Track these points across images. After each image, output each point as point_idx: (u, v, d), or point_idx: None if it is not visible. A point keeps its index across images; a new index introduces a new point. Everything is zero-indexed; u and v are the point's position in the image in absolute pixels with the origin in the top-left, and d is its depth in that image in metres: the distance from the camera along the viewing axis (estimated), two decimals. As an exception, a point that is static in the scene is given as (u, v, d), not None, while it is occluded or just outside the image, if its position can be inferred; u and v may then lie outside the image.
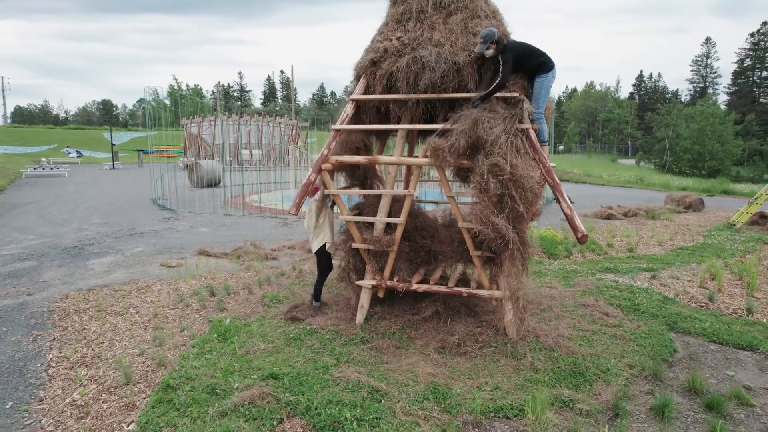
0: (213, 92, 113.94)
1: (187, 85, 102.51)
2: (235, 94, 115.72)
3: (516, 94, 4.83)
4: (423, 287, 5.53)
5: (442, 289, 5.49)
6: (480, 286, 5.67)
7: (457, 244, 5.64)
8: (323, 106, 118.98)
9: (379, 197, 6.03)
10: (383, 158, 5.26)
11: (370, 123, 5.80)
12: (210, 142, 36.36)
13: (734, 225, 12.86)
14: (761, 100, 70.86)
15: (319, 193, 5.73)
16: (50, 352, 5.22)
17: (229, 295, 7.01)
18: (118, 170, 38.17)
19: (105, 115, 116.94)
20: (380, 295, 5.86)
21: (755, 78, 72.26)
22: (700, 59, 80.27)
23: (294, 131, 41.12)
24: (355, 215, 5.73)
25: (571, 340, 5.26)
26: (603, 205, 16.41)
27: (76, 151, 49.47)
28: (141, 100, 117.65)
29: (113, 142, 44.69)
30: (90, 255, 9.73)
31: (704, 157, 40.64)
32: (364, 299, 5.74)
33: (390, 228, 5.61)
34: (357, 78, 5.66)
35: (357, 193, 5.69)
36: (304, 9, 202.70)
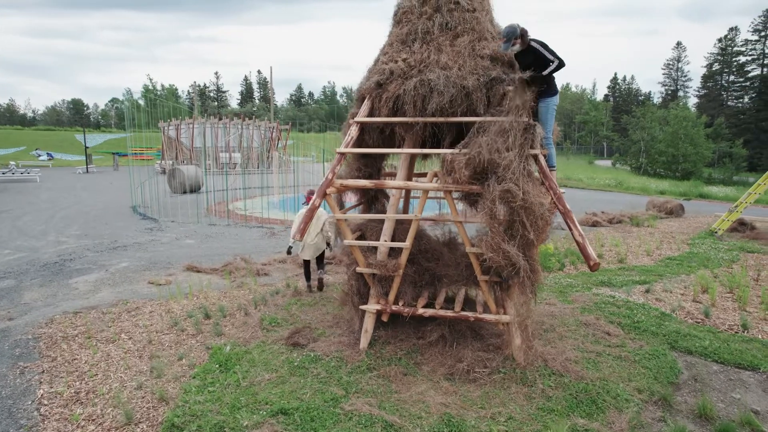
0: (189, 92, 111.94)
1: (162, 85, 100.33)
2: (212, 94, 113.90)
3: (527, 119, 4.80)
4: (429, 312, 5.46)
5: (449, 313, 5.42)
6: (486, 308, 5.63)
7: (463, 267, 5.58)
8: (301, 106, 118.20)
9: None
10: (390, 183, 5.15)
11: (373, 144, 5.70)
12: (188, 146, 35.62)
13: (716, 232, 13.18)
14: (729, 103, 73.27)
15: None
16: (40, 387, 4.96)
17: (225, 317, 6.81)
18: (92, 174, 37.11)
19: (76, 115, 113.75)
20: (384, 319, 5.76)
21: (723, 82, 74.67)
22: (671, 63, 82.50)
23: (273, 134, 40.63)
24: (357, 237, 5.63)
25: (578, 363, 5.27)
26: (587, 211, 16.64)
27: (47, 153, 47.92)
28: (113, 100, 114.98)
29: (86, 145, 43.44)
30: (72, 272, 9.36)
31: (678, 159, 41.79)
32: (368, 324, 5.63)
33: (394, 250, 5.53)
34: (360, 99, 5.55)
35: (362, 218, 5.57)
36: (279, 8, 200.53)
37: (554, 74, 5.08)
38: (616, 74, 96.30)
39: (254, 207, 18.45)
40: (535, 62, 5.01)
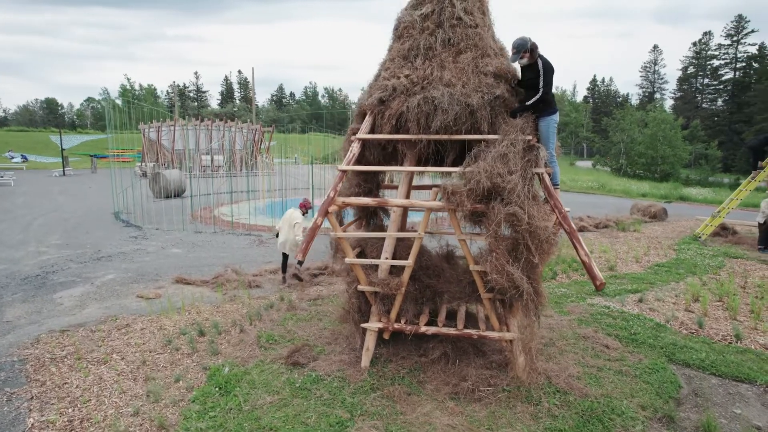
0: (168, 92, 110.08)
1: (141, 85, 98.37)
2: (191, 94, 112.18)
3: (530, 137, 4.79)
4: (432, 330, 5.41)
5: (452, 331, 5.38)
6: (488, 324, 5.62)
7: (465, 284, 5.55)
8: (282, 107, 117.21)
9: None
10: (393, 201, 5.09)
11: (374, 159, 5.64)
12: (169, 148, 34.99)
13: (699, 237, 13.46)
14: (703, 105, 75.22)
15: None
16: (30, 416, 4.75)
17: (220, 334, 6.65)
18: (69, 177, 36.20)
19: (49, 114, 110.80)
20: (386, 337, 5.70)
21: (698, 85, 76.61)
22: (648, 65, 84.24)
23: (256, 136, 40.17)
24: (357, 254, 5.55)
25: (581, 379, 5.28)
26: (573, 216, 16.84)
27: (21, 155, 46.59)
28: (89, 99, 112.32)
29: (63, 146, 42.34)
30: (56, 285, 9.06)
31: (657, 161, 42.69)
32: (370, 342, 5.56)
33: (395, 267, 5.46)
34: (361, 115, 5.47)
35: (365, 236, 5.50)
36: (259, 7, 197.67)
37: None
38: (595, 76, 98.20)
39: (240, 212, 18.19)
40: (535, 80, 5.01)
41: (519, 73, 5.32)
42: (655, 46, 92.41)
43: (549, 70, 4.95)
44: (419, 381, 5.28)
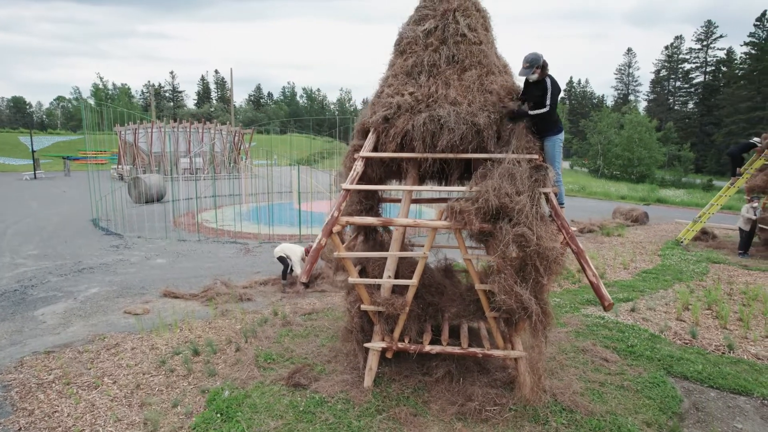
0: (143, 92, 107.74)
1: (114, 84, 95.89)
2: (167, 94, 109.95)
3: (537, 157, 4.77)
4: (437, 349, 5.36)
5: (456, 350, 5.34)
6: (492, 339, 5.60)
7: (469, 302, 5.52)
8: (260, 107, 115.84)
9: (387, 242, 5.85)
10: (398, 221, 5.02)
11: (375, 176, 5.57)
12: (146, 151, 34.19)
13: (681, 242, 13.77)
14: (675, 107, 77.31)
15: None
16: (21, 449, 4.53)
17: (216, 353, 6.47)
18: (41, 180, 35.02)
19: (17, 114, 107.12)
20: (389, 356, 5.62)
21: (670, 87, 78.68)
22: (623, 68, 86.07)
23: (236, 137, 39.55)
24: (358, 272, 5.46)
25: (584, 396, 5.30)
26: (558, 220, 17.02)
27: (-11, 157, 44.87)
28: (59, 98, 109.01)
29: (33, 148, 40.93)
30: (36, 301, 8.71)
31: (633, 162, 43.67)
32: (373, 361, 5.48)
33: (398, 285, 5.40)
34: (363, 132, 5.38)
35: (367, 255, 5.40)
36: (234, 5, 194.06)
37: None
38: (571, 77, 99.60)
39: (224, 218, 17.83)
40: (540, 97, 5.01)
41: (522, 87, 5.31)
42: (629, 49, 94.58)
43: (556, 89, 4.96)
44: (424, 401, 5.23)
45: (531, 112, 4.98)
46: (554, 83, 4.97)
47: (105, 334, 7.19)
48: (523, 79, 5.19)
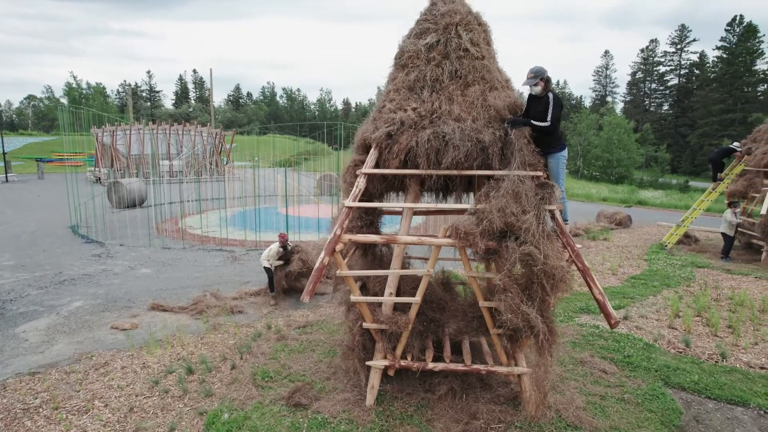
0: (118, 92, 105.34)
1: (88, 83, 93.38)
2: (144, 94, 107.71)
3: (541, 174, 4.76)
4: (440, 366, 5.30)
5: (460, 367, 5.29)
6: (494, 354, 5.57)
7: (471, 318, 5.48)
8: (239, 107, 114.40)
9: (386, 255, 5.78)
10: (402, 238, 4.94)
11: (376, 191, 5.48)
12: (125, 153, 33.39)
13: (666, 246, 14.02)
14: (651, 109, 79.04)
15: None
16: (10, 482, 4.32)
17: (210, 372, 6.30)
18: (13, 184, 33.89)
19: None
20: (390, 373, 5.55)
21: (646, 89, 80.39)
22: (600, 70, 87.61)
23: (217, 139, 38.92)
24: (359, 288, 5.37)
25: (587, 410, 5.31)
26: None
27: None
28: (30, 97, 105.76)
29: (4, 150, 39.60)
30: (16, 317, 8.37)
31: (612, 164, 44.48)
32: (375, 380, 5.39)
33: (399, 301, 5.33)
34: (364, 146, 5.29)
35: (370, 274, 5.31)
36: (206, 3, 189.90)
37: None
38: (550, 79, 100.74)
39: (209, 224, 17.49)
40: (542, 113, 5.00)
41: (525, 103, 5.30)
42: (607, 51, 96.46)
43: (558, 104, 4.96)
44: (428, 419, 5.17)
45: (533, 122, 4.96)
46: (556, 99, 4.97)
47: (92, 352, 6.95)
48: (526, 92, 5.21)
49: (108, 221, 17.41)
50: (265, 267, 9.33)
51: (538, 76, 5.00)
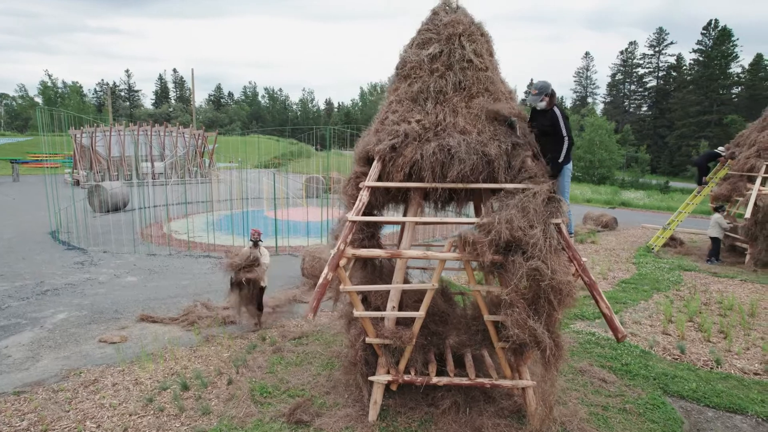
0: (96, 91, 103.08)
1: (64, 82, 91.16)
2: (123, 93, 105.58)
3: (548, 187, 4.73)
4: (444, 380, 5.24)
5: (464, 381, 5.24)
6: (497, 367, 5.54)
7: (475, 331, 5.43)
8: (221, 107, 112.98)
9: (386, 266, 5.71)
10: (407, 253, 4.86)
11: (377, 203, 5.39)
12: (105, 155, 32.63)
13: (653, 249, 14.23)
14: (630, 110, 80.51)
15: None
16: None
17: (207, 387, 6.12)
18: (-13, 186, 32.84)
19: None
20: (393, 388, 5.47)
21: (625, 91, 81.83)
22: (581, 71, 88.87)
23: (199, 140, 38.30)
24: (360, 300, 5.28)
25: (590, 422, 5.31)
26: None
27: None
28: (2, 96, 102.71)
29: (-22, 151, 38.36)
30: (-2, 330, 8.05)
31: (594, 165, 45.11)
32: (378, 395, 5.31)
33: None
34: (366, 159, 5.19)
35: (374, 289, 5.21)
36: (187, 1, 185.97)
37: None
38: (532, 80, 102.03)
39: (195, 228, 17.12)
40: (549, 127, 4.98)
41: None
42: (587, 53, 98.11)
43: (566, 117, 4.96)
44: (432, 434, 5.10)
45: (561, 160, 5.00)
46: (562, 113, 4.96)
47: (81, 368, 6.70)
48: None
49: (90, 226, 16.96)
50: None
51: (543, 92, 5.00)
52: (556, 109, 4.97)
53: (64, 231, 16.49)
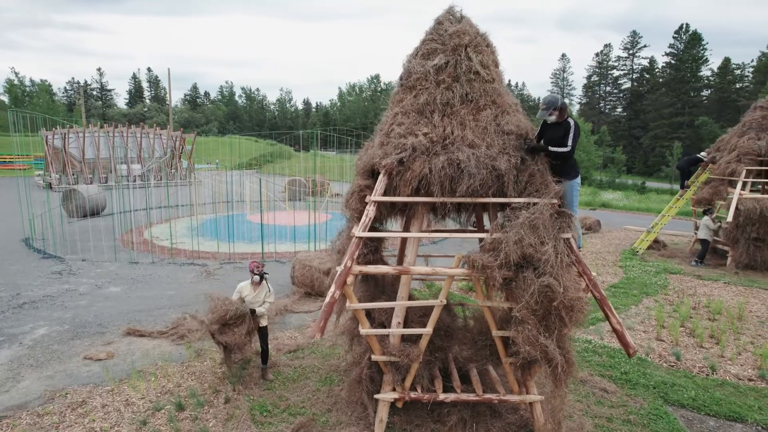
0: (66, 89, 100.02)
1: (32, 80, 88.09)
2: (95, 92, 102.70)
3: (556, 201, 4.68)
4: (451, 397, 5.16)
5: (472, 397, 5.16)
6: (503, 381, 5.48)
7: (481, 346, 5.36)
8: (197, 107, 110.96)
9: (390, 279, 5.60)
10: (415, 269, 4.75)
11: (381, 216, 5.27)
12: (78, 157, 31.62)
13: (637, 252, 14.46)
14: (606, 111, 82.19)
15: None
16: None
17: (203, 407, 5.90)
18: (-47, 190, 31.47)
19: None
20: (399, 405, 5.35)
21: (601, 92, 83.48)
22: (558, 72, 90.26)
23: (177, 142, 37.46)
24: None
25: (597, 435, 5.30)
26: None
27: None
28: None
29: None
30: (-26, 348, 7.63)
31: (573, 166, 45.85)
32: (383, 412, 5.19)
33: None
34: (370, 172, 5.06)
35: (381, 306, 5.08)
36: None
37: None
38: (510, 80, 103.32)
39: (177, 233, 16.65)
40: (561, 138, 4.94)
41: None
42: (564, 55, 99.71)
43: (578, 131, 4.91)
44: (440, 453, 5.01)
45: (551, 149, 4.91)
46: (576, 126, 4.93)
47: (66, 388, 6.39)
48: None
49: (66, 233, 16.35)
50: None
51: (551, 106, 4.95)
52: (571, 120, 4.94)
53: (38, 238, 15.87)
